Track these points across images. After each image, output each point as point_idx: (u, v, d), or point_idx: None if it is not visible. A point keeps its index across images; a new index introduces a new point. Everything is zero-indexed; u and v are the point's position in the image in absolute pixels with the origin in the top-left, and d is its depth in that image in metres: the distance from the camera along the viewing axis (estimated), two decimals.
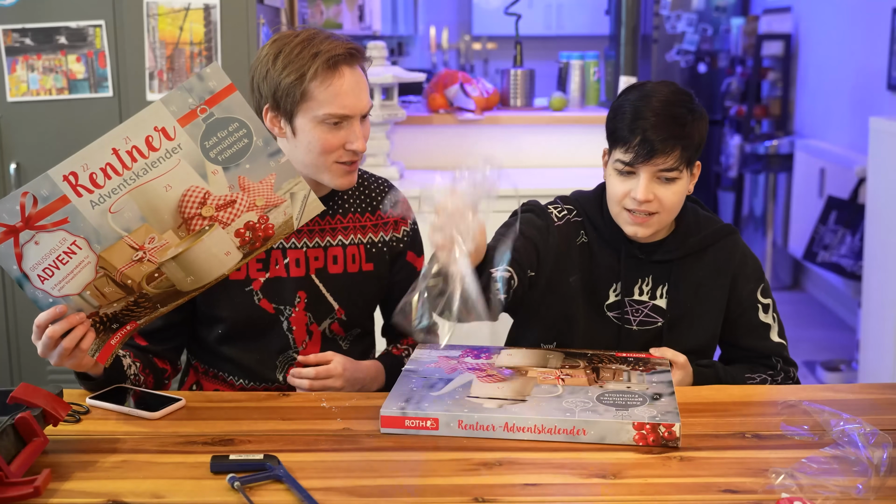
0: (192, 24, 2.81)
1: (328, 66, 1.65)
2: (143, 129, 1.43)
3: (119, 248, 1.46)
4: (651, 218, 1.68)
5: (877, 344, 3.60)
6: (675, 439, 1.38)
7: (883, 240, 3.55)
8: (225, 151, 1.46)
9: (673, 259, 1.76)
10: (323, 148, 1.67)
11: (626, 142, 1.65)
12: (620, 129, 1.66)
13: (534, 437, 1.40)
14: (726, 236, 1.79)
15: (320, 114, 1.66)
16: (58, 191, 1.42)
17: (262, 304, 1.75)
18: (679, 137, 1.63)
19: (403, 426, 1.43)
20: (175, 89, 1.45)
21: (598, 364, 1.62)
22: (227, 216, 1.49)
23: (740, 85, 6.22)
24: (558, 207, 1.81)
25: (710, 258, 1.77)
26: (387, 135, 3.35)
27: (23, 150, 2.90)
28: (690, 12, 6.85)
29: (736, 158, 6.04)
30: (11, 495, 1.20)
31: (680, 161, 1.65)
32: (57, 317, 1.46)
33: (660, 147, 1.62)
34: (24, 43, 2.84)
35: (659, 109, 1.64)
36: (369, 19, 4.76)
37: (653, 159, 1.63)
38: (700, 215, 1.80)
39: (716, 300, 1.77)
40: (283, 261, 1.75)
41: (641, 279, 1.76)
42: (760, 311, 1.78)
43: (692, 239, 1.76)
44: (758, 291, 1.79)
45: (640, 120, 1.64)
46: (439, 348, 1.70)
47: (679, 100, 1.67)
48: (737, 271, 1.78)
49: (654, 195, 1.66)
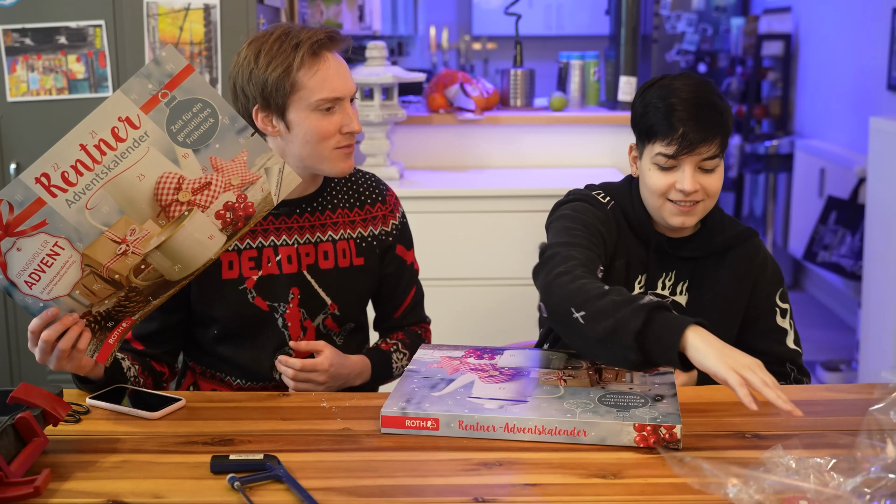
0: (192, 24, 2.81)
1: (312, 53, 1.66)
2: (108, 121, 1.42)
3: (101, 243, 1.45)
4: (697, 206, 1.70)
5: (877, 344, 3.60)
6: (675, 441, 1.38)
7: (883, 240, 3.55)
8: (192, 133, 1.46)
9: (697, 257, 1.77)
10: (320, 135, 1.68)
11: (667, 136, 1.66)
12: (658, 124, 1.67)
13: (534, 437, 1.40)
14: (749, 238, 1.81)
15: (313, 101, 1.66)
16: (32, 194, 1.41)
17: (257, 301, 1.75)
18: (719, 126, 1.66)
19: (404, 426, 1.43)
20: (133, 77, 1.44)
21: (601, 365, 1.62)
22: (204, 199, 1.49)
23: (740, 85, 6.22)
24: (600, 194, 1.80)
25: (732, 259, 1.78)
26: (387, 135, 3.35)
27: (23, 150, 2.90)
28: (690, 12, 6.86)
29: (736, 158, 6.05)
30: (11, 495, 1.20)
31: (720, 149, 1.68)
32: (50, 320, 1.45)
33: (703, 137, 1.65)
34: (24, 43, 2.84)
35: (693, 101, 1.66)
36: (369, 19, 4.76)
37: (697, 149, 1.65)
38: (724, 216, 1.82)
39: (735, 302, 1.78)
40: (275, 258, 1.75)
41: (666, 273, 1.78)
42: (778, 315, 1.80)
43: (717, 238, 1.78)
44: (776, 295, 1.81)
45: (677, 112, 1.65)
46: (440, 348, 1.70)
47: (708, 89, 1.70)
48: (757, 274, 1.79)
49: (700, 185, 1.68)
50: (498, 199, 3.24)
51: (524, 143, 3.71)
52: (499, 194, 3.24)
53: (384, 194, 1.87)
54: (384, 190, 1.88)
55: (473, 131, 3.69)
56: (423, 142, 3.69)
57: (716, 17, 6.84)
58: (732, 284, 1.78)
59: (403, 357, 1.87)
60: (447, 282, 3.19)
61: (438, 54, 7.81)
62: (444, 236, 3.20)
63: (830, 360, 4.33)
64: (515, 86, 3.84)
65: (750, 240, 1.81)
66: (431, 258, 2.67)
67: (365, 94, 3.26)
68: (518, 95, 3.85)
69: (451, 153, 3.71)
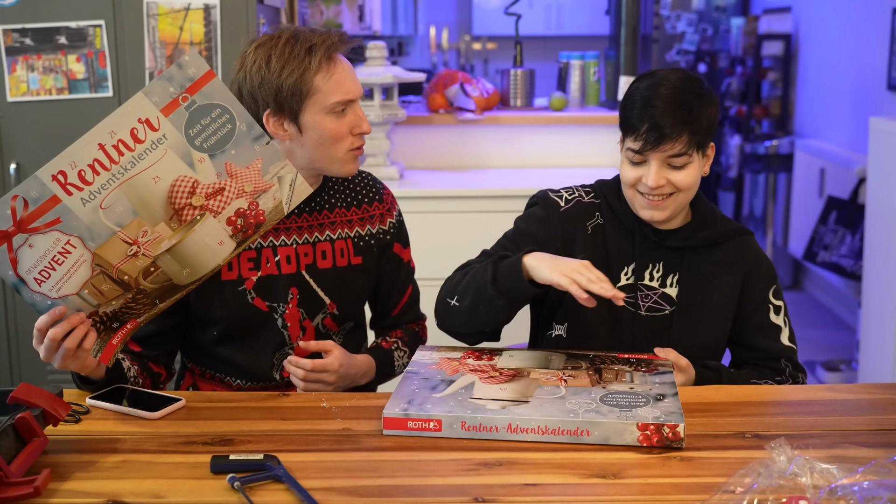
0: (192, 24, 2.81)
1: (328, 57, 1.67)
2: (128, 122, 1.42)
3: (113, 243, 1.46)
4: (667, 200, 1.70)
5: (877, 344, 3.60)
6: (679, 440, 1.37)
7: (883, 240, 3.55)
8: (210, 138, 1.46)
9: (685, 247, 1.77)
10: (334, 137, 1.69)
11: (636, 129, 1.67)
12: (630, 117, 1.69)
13: (537, 438, 1.40)
14: (741, 235, 1.81)
15: (328, 104, 1.67)
16: (48, 191, 1.41)
17: (256, 302, 1.75)
18: (686, 123, 1.65)
19: (406, 428, 1.43)
20: (155, 79, 1.44)
21: (601, 365, 1.62)
22: (217, 204, 1.49)
23: (740, 85, 6.22)
24: (570, 191, 1.83)
25: (723, 254, 1.78)
26: (387, 135, 3.35)
27: (23, 150, 2.90)
28: (690, 12, 6.86)
29: (736, 158, 6.05)
30: (11, 495, 1.20)
31: (689, 146, 1.66)
32: (57, 318, 1.45)
33: (668, 133, 1.64)
34: (24, 43, 2.84)
35: (667, 96, 1.66)
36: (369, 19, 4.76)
37: (661, 146, 1.66)
38: (717, 213, 1.82)
39: (726, 296, 1.77)
40: (273, 259, 1.75)
41: (653, 264, 1.77)
42: (772, 312, 1.79)
43: (707, 231, 1.77)
44: (770, 291, 1.80)
45: (648, 108, 1.66)
46: (439, 349, 1.70)
47: (687, 86, 1.68)
48: (749, 269, 1.79)
49: (667, 180, 1.68)
50: (498, 199, 3.24)
51: (524, 143, 3.71)
52: (499, 194, 3.24)
53: (381, 193, 1.88)
54: (381, 189, 1.88)
55: (473, 131, 3.69)
56: (423, 142, 3.69)
57: (716, 17, 6.84)
58: (723, 279, 1.77)
59: (404, 355, 1.87)
60: None
61: (438, 54, 7.81)
62: (444, 236, 3.20)
63: (830, 360, 4.33)
64: (515, 86, 3.84)
65: (742, 237, 1.81)
66: (431, 258, 2.67)
67: (365, 94, 3.26)
68: (518, 95, 3.85)
69: (451, 153, 3.71)
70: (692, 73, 1.73)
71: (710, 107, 1.70)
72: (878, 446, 1.39)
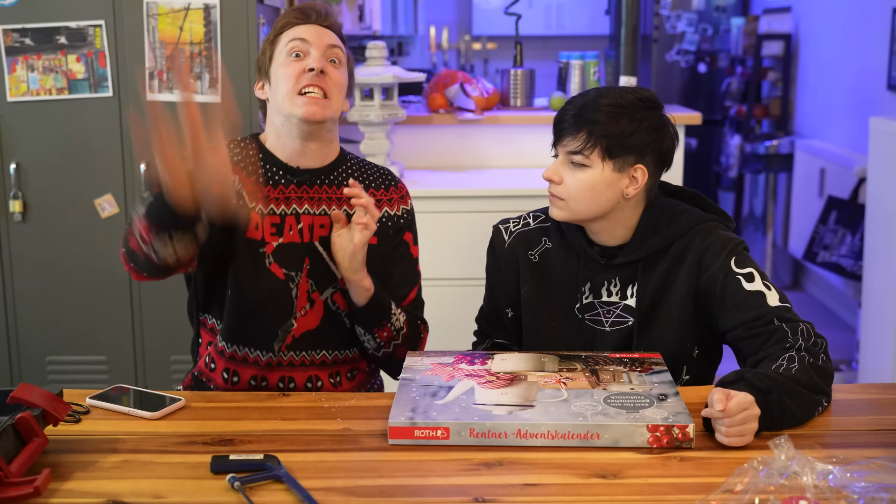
0: (192, 24, 2.81)
1: (299, 15, 1.78)
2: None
3: None
4: (560, 202, 1.72)
5: (877, 344, 3.60)
6: (689, 440, 1.37)
7: (883, 240, 3.55)
8: None
9: (636, 260, 1.74)
10: (287, 76, 1.74)
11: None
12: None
13: (547, 443, 1.38)
14: (692, 229, 1.73)
15: (285, 49, 1.76)
16: None
17: (273, 268, 1.76)
18: (588, 122, 1.66)
19: (413, 436, 1.40)
20: None
21: (595, 366, 1.61)
22: None
23: (740, 85, 6.22)
24: (516, 221, 1.86)
25: (673, 252, 1.73)
26: (387, 135, 3.35)
27: (23, 150, 2.90)
28: (690, 12, 6.85)
29: (736, 158, 6.04)
30: (11, 495, 1.20)
31: (586, 145, 1.66)
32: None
33: (566, 126, 1.69)
34: (24, 43, 2.84)
35: (591, 97, 1.70)
36: (369, 19, 4.76)
37: (562, 140, 1.70)
38: (670, 212, 1.75)
39: (680, 287, 1.71)
40: (297, 226, 1.77)
41: (608, 281, 1.76)
42: (743, 282, 1.66)
43: (654, 238, 1.73)
44: (731, 262, 1.68)
45: (566, 105, 1.71)
46: (429, 354, 1.69)
47: (625, 100, 1.67)
48: (701, 254, 1.70)
49: (561, 177, 1.70)
50: (498, 199, 3.24)
51: (524, 143, 3.71)
52: (499, 194, 3.24)
53: (396, 181, 1.91)
54: (397, 179, 1.92)
55: (473, 131, 3.69)
56: (423, 142, 3.69)
57: (716, 17, 6.84)
58: (676, 274, 1.72)
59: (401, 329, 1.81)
60: (447, 282, 3.19)
61: (438, 54, 7.81)
62: (444, 236, 3.20)
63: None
64: (515, 86, 3.84)
65: (694, 228, 1.73)
66: (431, 258, 2.67)
67: (365, 94, 3.26)
68: (518, 95, 3.85)
69: (451, 153, 3.71)
70: (651, 100, 1.70)
71: (645, 127, 1.66)
72: (878, 446, 1.39)
